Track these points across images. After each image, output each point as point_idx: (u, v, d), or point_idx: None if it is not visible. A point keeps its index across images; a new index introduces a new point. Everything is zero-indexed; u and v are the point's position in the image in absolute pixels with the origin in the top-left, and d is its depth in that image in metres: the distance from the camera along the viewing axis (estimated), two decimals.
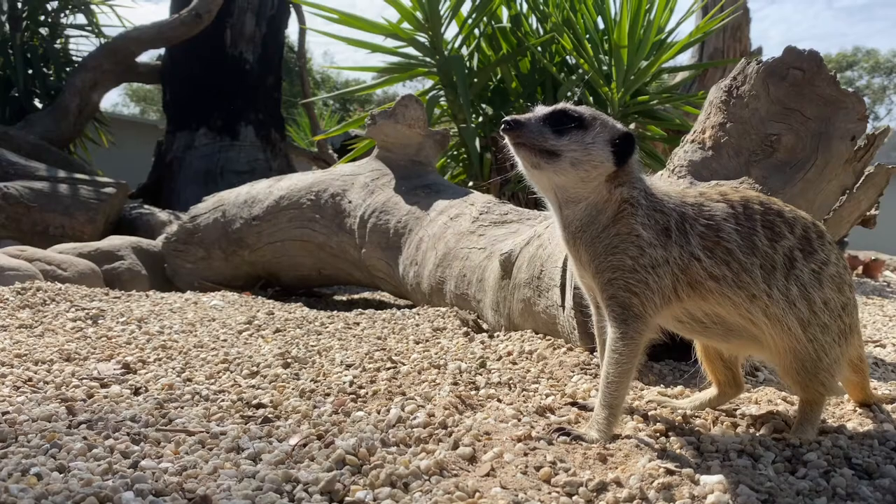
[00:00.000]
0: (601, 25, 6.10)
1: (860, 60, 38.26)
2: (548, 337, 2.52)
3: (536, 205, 5.89)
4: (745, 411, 1.89)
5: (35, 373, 2.07)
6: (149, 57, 9.29)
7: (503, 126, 1.65)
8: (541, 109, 1.68)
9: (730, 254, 1.58)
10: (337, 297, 4.85)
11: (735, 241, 1.58)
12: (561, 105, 1.69)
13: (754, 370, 2.33)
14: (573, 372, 2.13)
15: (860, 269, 7.65)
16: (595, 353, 2.21)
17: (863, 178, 2.47)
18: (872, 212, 2.94)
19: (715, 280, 1.58)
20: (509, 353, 2.38)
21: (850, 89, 2.33)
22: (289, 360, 2.30)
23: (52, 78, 8.64)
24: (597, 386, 1.88)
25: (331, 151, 10.47)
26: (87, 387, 1.96)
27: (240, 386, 2.03)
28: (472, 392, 1.96)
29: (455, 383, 2.02)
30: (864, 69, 38.38)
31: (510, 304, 2.75)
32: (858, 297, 5.52)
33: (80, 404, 1.78)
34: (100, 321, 2.85)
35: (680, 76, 8.40)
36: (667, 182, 2.59)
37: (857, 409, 1.92)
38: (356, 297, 4.88)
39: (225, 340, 2.62)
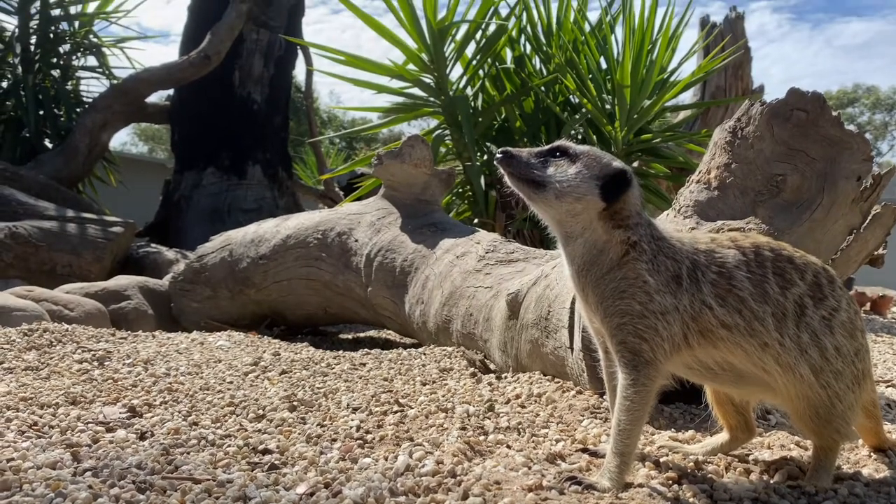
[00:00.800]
0: (604, 65, 6.18)
1: (861, 97, 38.62)
2: (556, 379, 2.50)
3: (542, 242, 5.91)
4: (758, 457, 1.86)
5: (41, 417, 2.06)
6: (158, 97, 9.43)
7: (497, 157, 1.67)
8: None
9: (742, 302, 1.57)
10: (343, 336, 4.84)
11: (747, 289, 1.58)
12: (559, 141, 1.72)
13: (766, 413, 2.30)
14: (583, 416, 2.11)
15: (868, 305, 7.61)
16: (605, 397, 2.19)
17: (870, 217, 2.47)
18: (880, 251, 2.95)
19: (727, 328, 1.57)
20: (518, 396, 2.35)
21: (854, 129, 2.35)
22: (295, 403, 2.29)
23: (62, 119, 8.75)
24: (607, 430, 1.85)
25: (337, 189, 10.55)
26: (93, 431, 1.94)
27: (246, 430, 2.01)
28: (481, 437, 1.94)
29: (463, 428, 2.00)
30: (865, 105, 38.72)
31: (518, 344, 2.74)
32: (867, 334, 5.48)
33: (86, 450, 1.77)
34: (106, 363, 2.84)
35: (683, 114, 8.47)
36: (673, 222, 2.59)
37: (871, 454, 1.89)
38: (362, 335, 4.86)
39: (231, 382, 2.61)
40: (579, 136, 6.41)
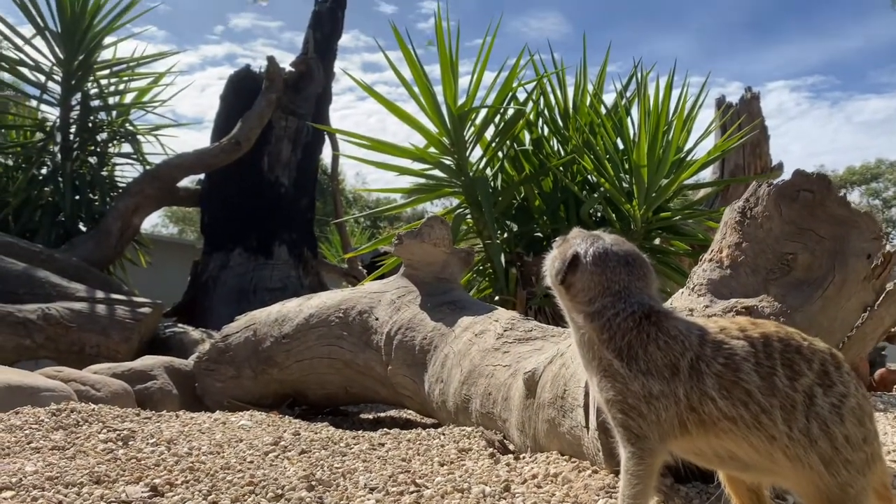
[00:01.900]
0: (620, 146, 6.34)
1: (884, 172, 38.64)
2: (573, 459, 2.49)
3: (563, 319, 5.92)
4: None
5: (65, 496, 2.10)
6: (189, 181, 9.76)
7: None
8: None
9: (749, 395, 1.56)
10: (363, 416, 4.84)
11: (755, 382, 1.57)
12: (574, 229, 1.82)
13: (784, 492, 2.27)
14: (598, 496, 2.10)
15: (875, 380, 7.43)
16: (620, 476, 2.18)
17: (883, 295, 2.49)
18: None
19: (731, 421, 1.57)
20: (534, 476, 2.35)
21: (862, 209, 2.40)
22: (313, 483, 2.30)
23: (97, 203, 9.08)
24: None
25: (360, 267, 10.71)
26: None
27: None
28: None
29: None
30: (889, 181, 38.71)
31: (535, 424, 2.74)
32: None
33: None
34: (130, 442, 2.88)
35: (703, 192, 8.57)
36: (687, 300, 2.63)
37: None
38: (382, 415, 4.85)
39: (251, 462, 2.63)
40: (598, 215, 6.52)
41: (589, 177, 6.59)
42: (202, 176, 9.61)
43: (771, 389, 1.57)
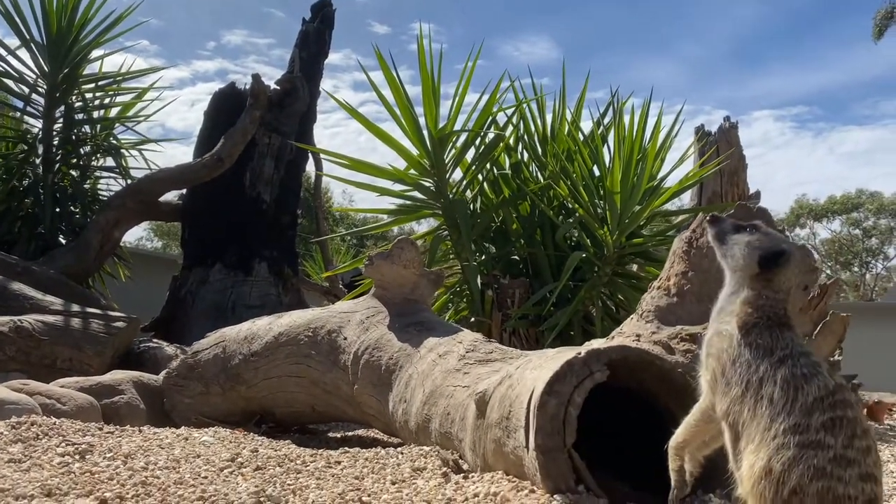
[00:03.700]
0: (596, 173, 6.44)
1: (864, 202, 39.26)
2: (515, 478, 2.55)
3: (538, 341, 5.99)
4: None
5: None
6: (171, 195, 9.78)
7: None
8: None
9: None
10: (331, 434, 4.87)
11: (805, 399, 1.71)
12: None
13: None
14: None
15: (864, 411, 7.52)
16: (556, 497, 2.23)
17: (820, 326, 2.57)
18: (836, 357, 3.03)
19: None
20: (476, 496, 2.40)
21: (798, 243, 2.49)
22: (262, 499, 2.34)
23: (77, 216, 9.08)
24: None
25: (341, 286, 10.74)
26: None
27: None
28: None
29: None
30: (869, 211, 39.32)
31: (484, 443, 2.79)
32: None
33: None
34: (87, 456, 2.91)
35: (680, 218, 8.68)
36: (636, 325, 2.70)
37: None
38: (350, 434, 4.89)
39: (205, 477, 2.67)
40: (573, 239, 6.61)
41: (565, 202, 6.69)
42: (184, 191, 9.63)
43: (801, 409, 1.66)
